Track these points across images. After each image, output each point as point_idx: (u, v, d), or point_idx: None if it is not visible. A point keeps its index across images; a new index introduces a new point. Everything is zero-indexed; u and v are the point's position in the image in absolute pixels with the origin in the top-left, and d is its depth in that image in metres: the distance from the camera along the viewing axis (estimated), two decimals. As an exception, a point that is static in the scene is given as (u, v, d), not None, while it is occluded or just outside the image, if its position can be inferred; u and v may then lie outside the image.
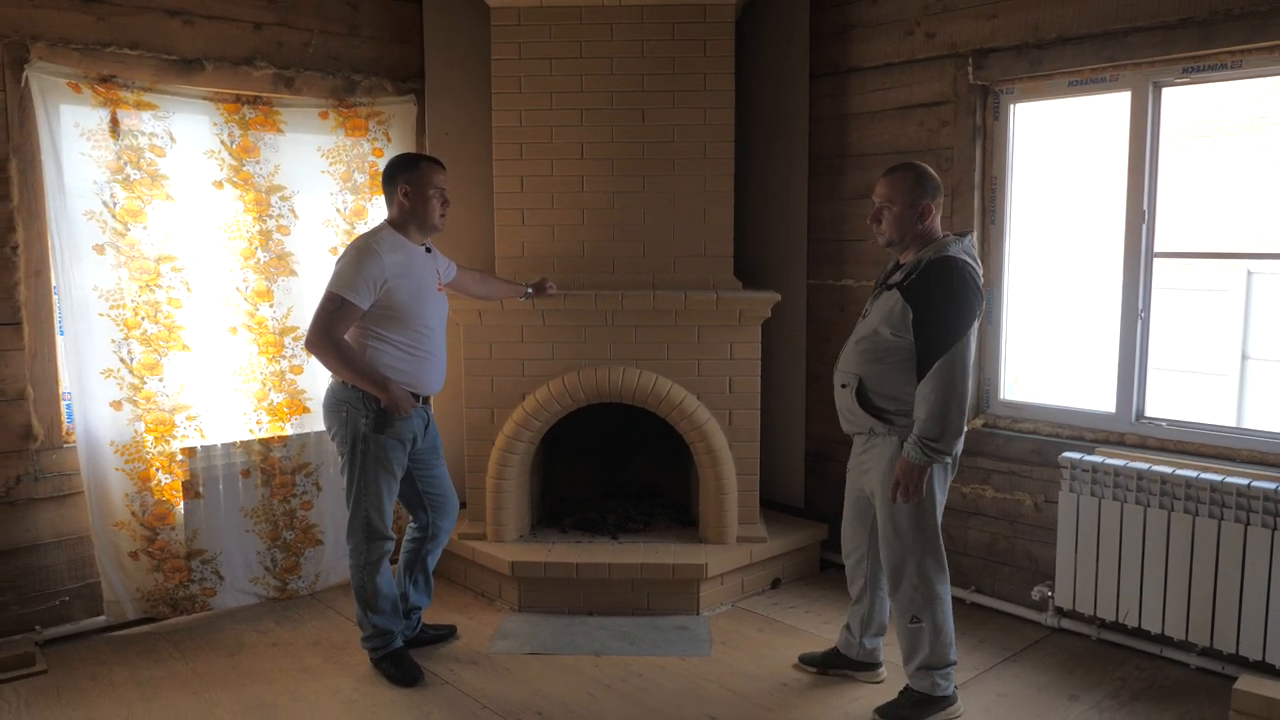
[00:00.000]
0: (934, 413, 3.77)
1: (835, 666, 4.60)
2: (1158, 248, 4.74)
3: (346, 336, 4.30)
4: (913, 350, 3.88)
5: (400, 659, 4.58)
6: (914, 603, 4.06)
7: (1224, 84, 4.61)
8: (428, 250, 4.52)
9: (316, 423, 5.40)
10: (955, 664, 4.16)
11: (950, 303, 3.79)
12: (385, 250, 4.26)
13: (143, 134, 4.91)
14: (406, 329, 4.34)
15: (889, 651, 4.59)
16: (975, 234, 5.13)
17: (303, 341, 4.38)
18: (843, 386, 4.15)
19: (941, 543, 4.06)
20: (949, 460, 3.88)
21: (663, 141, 5.50)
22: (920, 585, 4.03)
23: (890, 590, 4.14)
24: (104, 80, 4.78)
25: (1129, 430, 4.80)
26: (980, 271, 3.93)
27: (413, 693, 4.43)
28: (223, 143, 5.16)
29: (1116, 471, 4.56)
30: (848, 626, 4.55)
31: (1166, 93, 4.67)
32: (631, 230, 5.56)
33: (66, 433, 4.93)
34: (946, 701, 4.14)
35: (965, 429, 3.87)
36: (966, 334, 3.77)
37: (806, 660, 4.69)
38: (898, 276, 3.98)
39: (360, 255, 4.24)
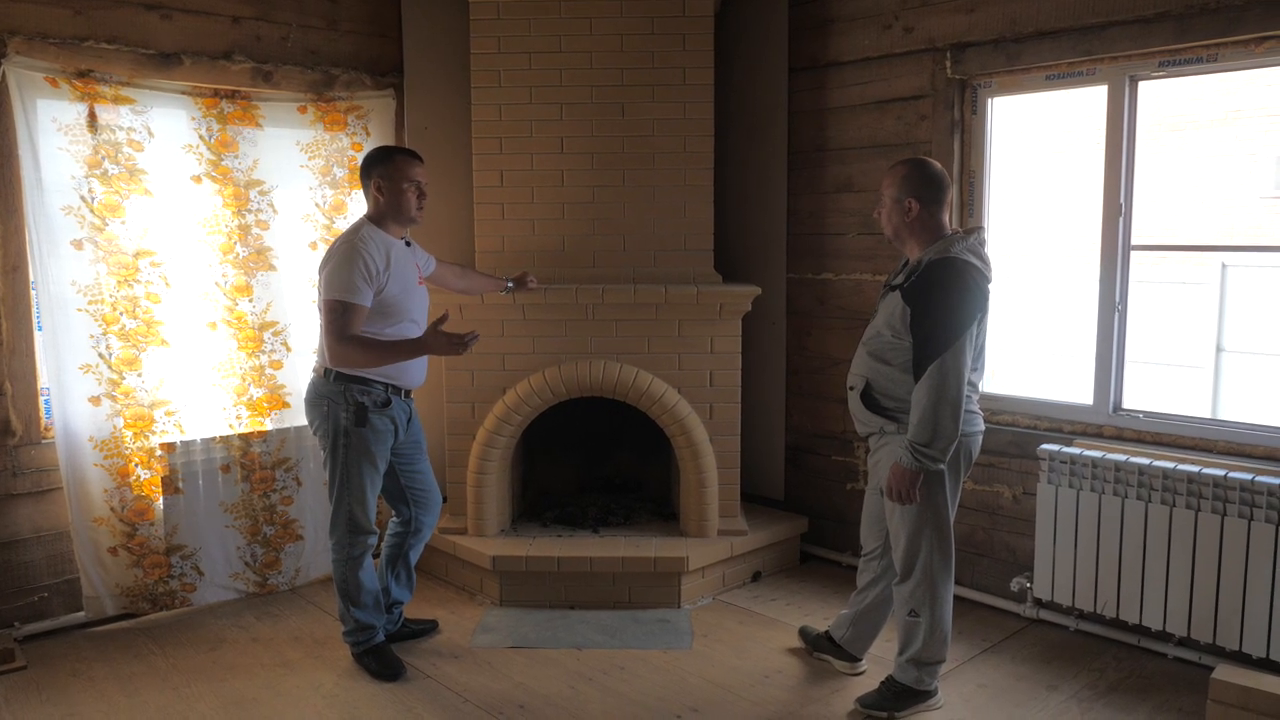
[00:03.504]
0: (924, 417, 3.74)
1: (820, 649, 4.64)
2: (1134, 241, 4.77)
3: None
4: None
5: (382, 653, 4.58)
6: (914, 597, 4.07)
7: (1199, 78, 4.65)
8: (407, 244, 4.51)
9: (296, 418, 5.40)
10: (943, 662, 4.19)
11: (946, 304, 3.75)
12: (370, 246, 4.24)
13: (120, 129, 4.89)
14: (390, 323, 4.32)
15: (879, 647, 4.61)
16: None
17: (325, 361, 4.30)
18: (851, 389, 4.15)
19: (951, 543, 4.06)
20: (942, 466, 3.84)
21: (642, 136, 5.51)
22: (924, 581, 4.04)
23: (899, 580, 4.14)
24: (82, 75, 4.76)
25: (1106, 422, 4.83)
26: (988, 269, 3.88)
27: (394, 687, 4.43)
28: (201, 137, 5.14)
29: (1094, 463, 4.59)
30: (844, 613, 4.57)
31: (1142, 86, 4.70)
32: (612, 224, 5.57)
33: (45, 428, 4.90)
34: (927, 695, 4.17)
35: (960, 432, 3.82)
36: (962, 337, 3.72)
37: (804, 633, 4.76)
38: (900, 278, 3.98)
39: (350, 255, 4.19)
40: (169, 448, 5.09)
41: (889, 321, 3.93)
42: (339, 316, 4.14)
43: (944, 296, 3.76)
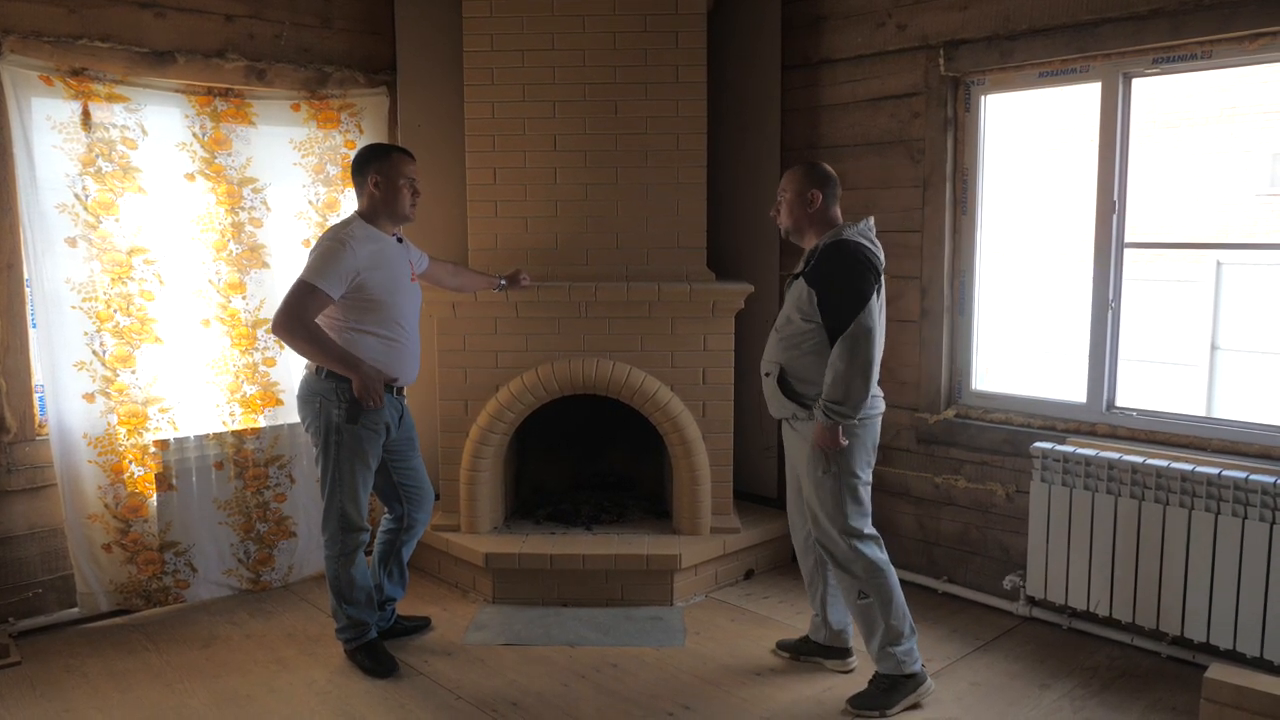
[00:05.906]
0: (837, 378, 3.95)
1: (806, 653, 4.64)
2: (1128, 238, 4.77)
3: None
4: (823, 334, 4.04)
5: (375, 650, 4.58)
6: (856, 578, 4.13)
7: (1193, 74, 4.65)
8: (399, 241, 4.52)
9: (289, 415, 5.40)
10: (914, 635, 4.20)
11: (847, 280, 3.99)
12: (358, 242, 4.25)
13: (114, 126, 4.89)
14: (382, 320, 4.34)
15: (860, 641, 4.61)
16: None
17: (269, 325, 4.39)
18: (766, 375, 4.31)
19: (869, 515, 4.18)
20: (854, 422, 4.01)
21: (635, 133, 5.51)
22: (857, 559, 4.12)
23: (833, 569, 4.23)
24: (76, 73, 4.76)
25: (1100, 420, 4.83)
26: (877, 250, 4.09)
27: (387, 684, 4.43)
28: (194, 135, 5.14)
29: (1088, 461, 4.59)
30: (814, 617, 4.59)
31: (1136, 83, 4.70)
32: (605, 222, 5.57)
33: (39, 425, 4.90)
34: (915, 681, 4.18)
35: (870, 395, 4.01)
36: (866, 306, 3.94)
37: (782, 646, 4.74)
38: (801, 266, 4.18)
39: (333, 246, 4.22)
40: (163, 445, 5.09)
41: (798, 305, 4.12)
42: (302, 296, 4.17)
43: (844, 272, 4.02)
